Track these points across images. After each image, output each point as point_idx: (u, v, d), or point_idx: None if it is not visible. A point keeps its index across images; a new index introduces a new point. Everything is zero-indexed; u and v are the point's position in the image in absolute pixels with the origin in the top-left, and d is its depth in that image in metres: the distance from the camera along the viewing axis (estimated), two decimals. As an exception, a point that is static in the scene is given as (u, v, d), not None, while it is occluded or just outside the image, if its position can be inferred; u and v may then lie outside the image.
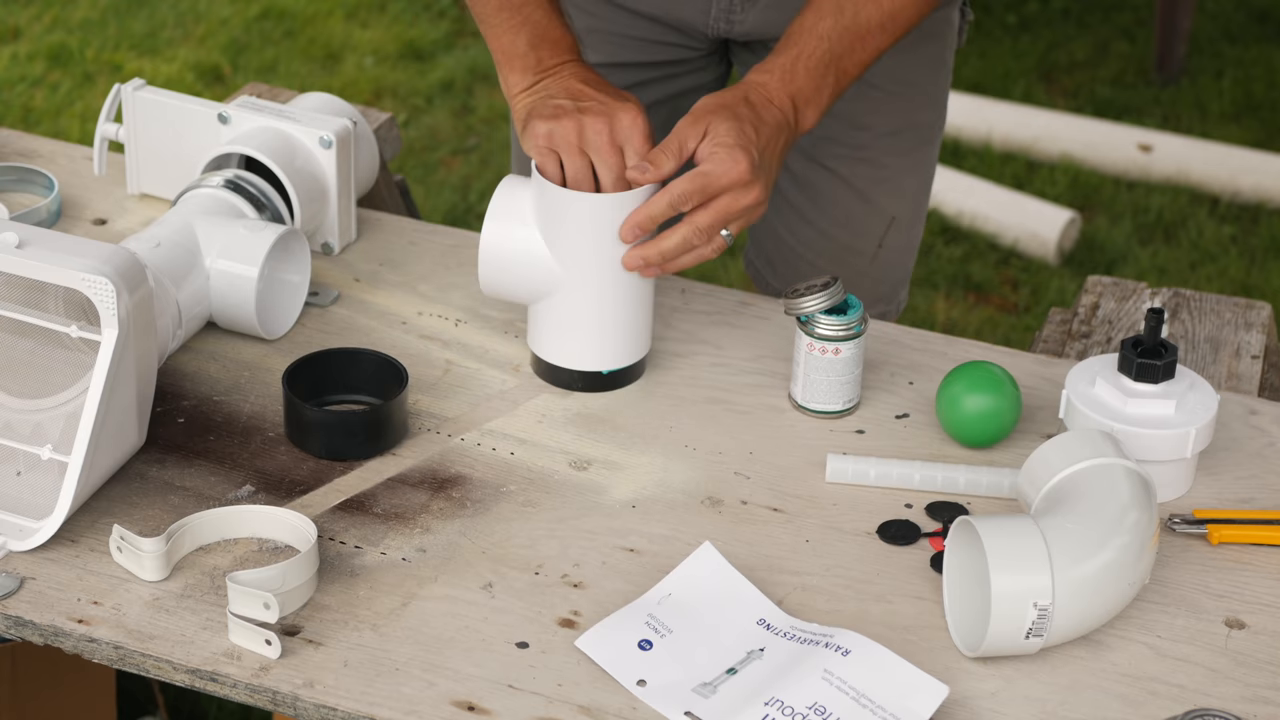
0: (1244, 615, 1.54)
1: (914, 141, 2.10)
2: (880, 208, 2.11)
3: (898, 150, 2.09)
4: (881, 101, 2.05)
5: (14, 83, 4.08)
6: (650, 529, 1.61)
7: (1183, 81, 4.27)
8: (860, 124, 2.06)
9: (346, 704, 1.43)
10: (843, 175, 2.09)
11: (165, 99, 1.95)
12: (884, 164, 2.09)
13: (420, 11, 4.49)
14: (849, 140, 2.07)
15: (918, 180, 2.13)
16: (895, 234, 2.13)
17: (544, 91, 1.76)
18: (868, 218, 2.11)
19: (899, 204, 2.12)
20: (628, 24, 2.01)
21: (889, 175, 2.10)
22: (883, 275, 2.15)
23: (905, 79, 2.05)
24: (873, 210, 2.11)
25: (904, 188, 2.11)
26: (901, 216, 2.12)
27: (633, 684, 1.45)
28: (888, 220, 2.11)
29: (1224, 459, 1.72)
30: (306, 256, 1.85)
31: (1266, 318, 2.09)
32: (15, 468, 1.61)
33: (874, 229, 2.11)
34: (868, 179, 2.09)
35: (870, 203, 2.10)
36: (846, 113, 2.03)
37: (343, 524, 1.60)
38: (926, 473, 1.67)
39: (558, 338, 1.76)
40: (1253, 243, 3.72)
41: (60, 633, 1.49)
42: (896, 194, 2.11)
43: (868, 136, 2.07)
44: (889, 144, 2.08)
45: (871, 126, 2.06)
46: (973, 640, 1.49)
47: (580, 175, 1.71)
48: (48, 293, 1.63)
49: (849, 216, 2.11)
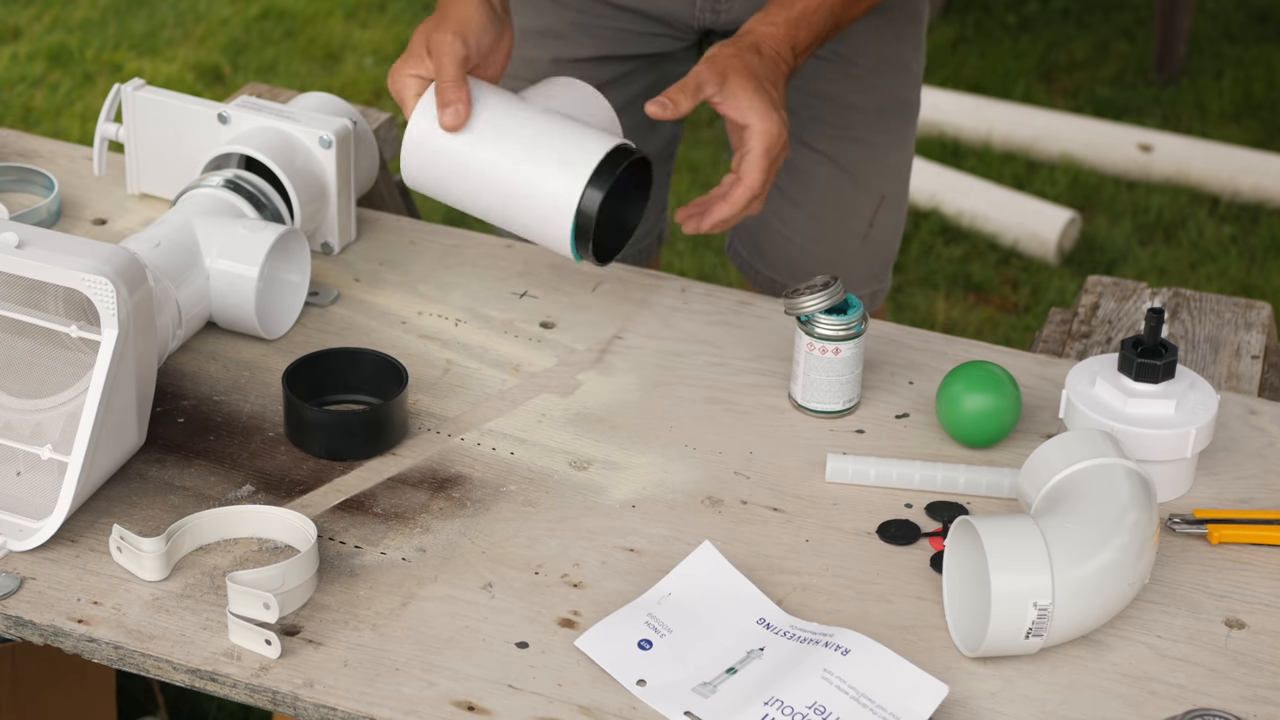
0: (1244, 615, 1.54)
1: (897, 118, 2.12)
2: (870, 186, 2.13)
3: (883, 127, 2.11)
4: (865, 79, 2.08)
5: (14, 83, 4.08)
6: (650, 529, 1.61)
7: (1183, 81, 4.27)
8: (846, 103, 2.08)
9: (346, 704, 1.43)
10: (831, 156, 2.11)
11: (165, 99, 1.95)
12: (871, 141, 2.11)
13: (420, 11, 4.49)
14: (836, 120, 2.09)
15: (902, 156, 2.15)
16: (885, 212, 2.15)
17: None
18: (858, 197, 2.13)
19: (887, 182, 2.14)
20: (611, 17, 2.03)
21: (876, 153, 2.12)
22: (874, 255, 2.17)
23: (886, 55, 2.08)
24: (863, 189, 2.13)
25: (891, 165, 2.14)
26: (891, 194, 2.15)
27: (632, 684, 1.45)
28: (878, 199, 2.13)
29: (1224, 459, 1.72)
30: (306, 256, 1.85)
31: (1266, 318, 2.09)
32: (15, 468, 1.61)
33: (865, 208, 2.14)
34: (856, 157, 2.11)
35: (860, 182, 2.12)
36: (832, 93, 2.06)
37: (343, 524, 1.61)
38: (926, 472, 1.67)
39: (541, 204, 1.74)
40: (1253, 243, 3.72)
41: (60, 633, 1.49)
42: (884, 171, 2.14)
43: (854, 115, 2.09)
44: (875, 121, 2.10)
45: (857, 105, 2.09)
46: (972, 640, 1.49)
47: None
48: (48, 293, 1.63)
49: (839, 197, 2.13)
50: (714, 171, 3.85)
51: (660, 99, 1.73)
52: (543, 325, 1.86)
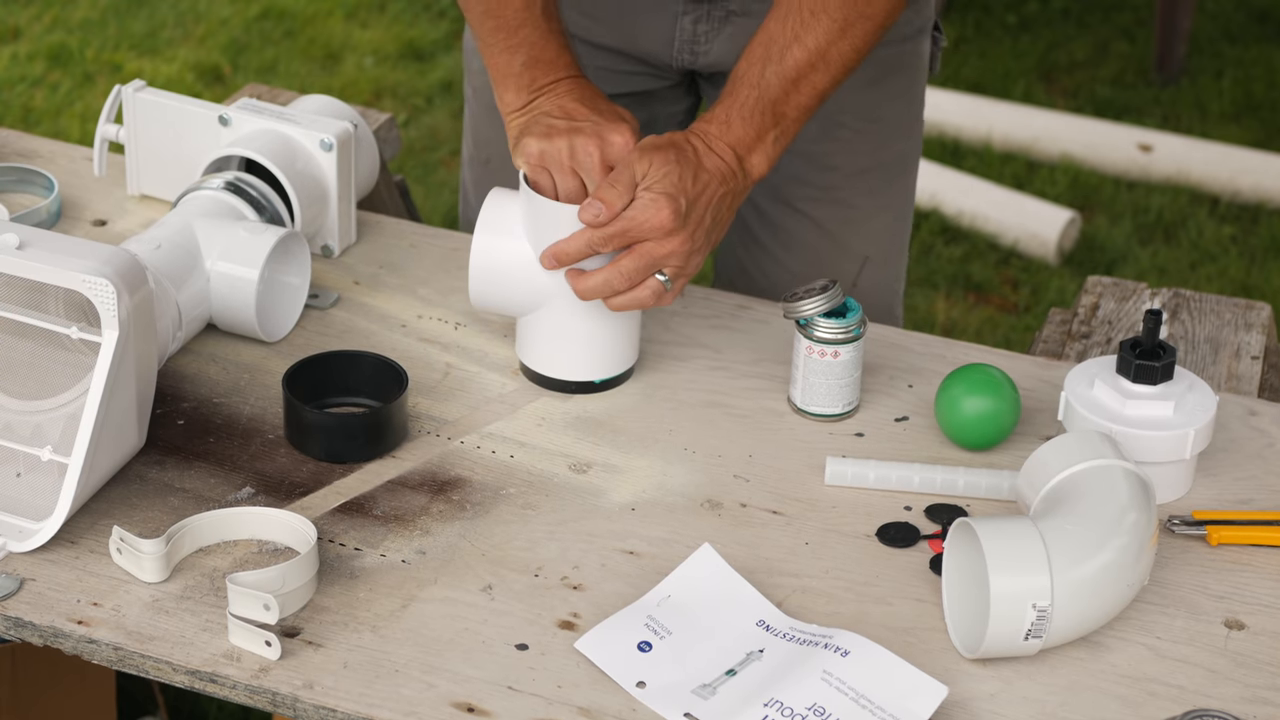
0: (1243, 616, 1.55)
1: (885, 179, 2.06)
2: (850, 248, 2.07)
3: (868, 189, 2.05)
4: (849, 140, 2.02)
5: (14, 83, 4.08)
6: (650, 531, 1.61)
7: (1183, 81, 4.27)
8: (828, 164, 2.03)
9: (346, 705, 1.43)
10: (812, 216, 2.05)
11: (165, 100, 1.95)
12: (854, 204, 2.05)
13: (420, 11, 4.49)
14: (817, 181, 2.04)
15: (892, 215, 2.09)
16: (871, 272, 2.08)
17: (537, 110, 1.76)
18: (839, 259, 2.07)
19: (870, 244, 2.07)
20: (591, 57, 1.98)
21: (859, 216, 2.06)
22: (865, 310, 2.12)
23: (873, 115, 2.02)
24: (843, 251, 2.07)
25: (875, 227, 2.07)
26: (875, 255, 2.08)
27: (632, 685, 1.45)
28: (860, 260, 2.07)
29: (1223, 460, 1.72)
30: (307, 259, 1.85)
31: (1266, 318, 2.09)
32: (15, 469, 1.61)
33: (847, 269, 2.07)
34: (837, 220, 2.05)
35: (840, 244, 2.06)
36: (814, 153, 2.01)
37: (342, 526, 1.61)
38: (926, 475, 1.67)
39: (548, 349, 1.77)
40: (1253, 243, 3.72)
41: (60, 634, 1.49)
42: (867, 234, 2.07)
43: (837, 177, 2.03)
44: (859, 184, 2.04)
45: (840, 167, 2.03)
46: (972, 642, 1.49)
47: (572, 193, 1.70)
48: (48, 294, 1.63)
49: (819, 257, 2.07)
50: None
51: (591, 200, 1.67)
52: (542, 327, 1.86)
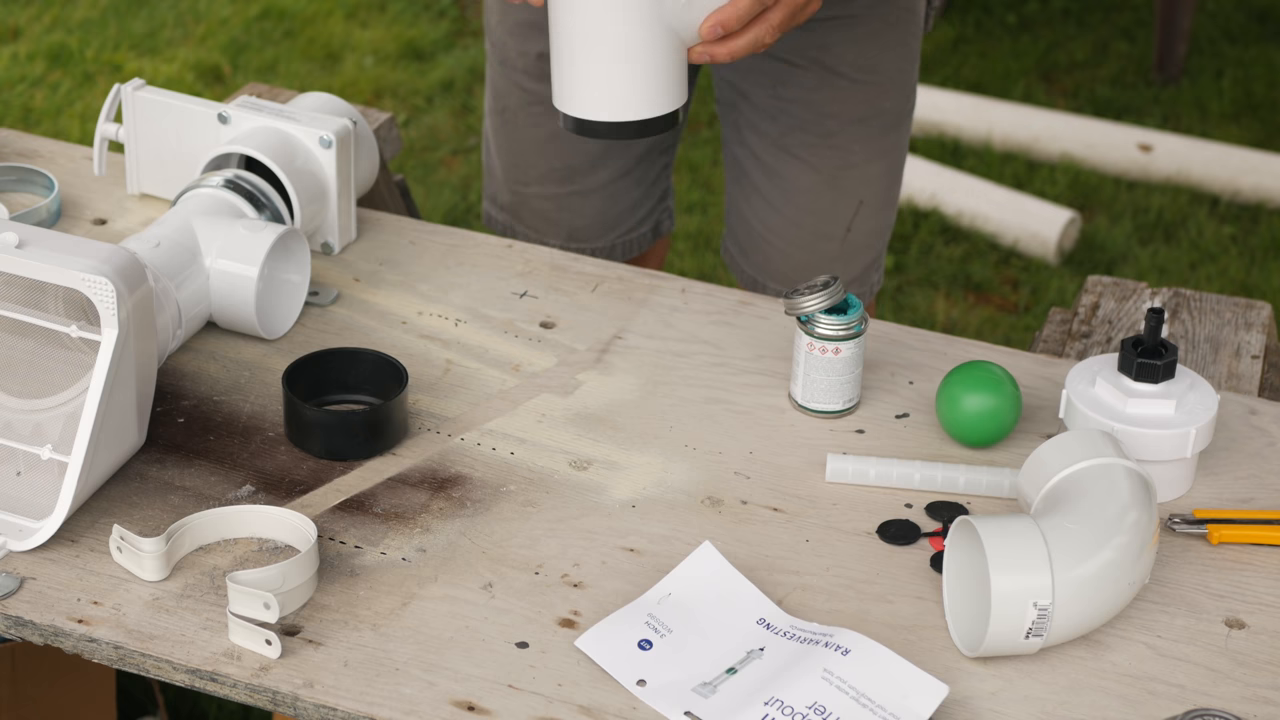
0: (1244, 615, 1.55)
1: (881, 128, 2.12)
2: (848, 192, 2.14)
3: (865, 137, 2.12)
4: (847, 90, 2.08)
5: (14, 83, 4.08)
6: (650, 529, 1.61)
7: (1183, 81, 4.27)
8: (826, 112, 2.09)
9: (346, 704, 1.43)
10: (810, 162, 2.12)
11: (165, 99, 1.95)
12: (851, 150, 2.12)
13: (420, 11, 4.49)
14: (815, 128, 2.10)
15: (886, 164, 2.16)
16: (863, 218, 2.15)
17: None
18: (835, 203, 2.14)
19: (866, 188, 2.14)
20: None
21: (856, 162, 2.12)
22: (852, 257, 2.17)
23: (870, 67, 2.08)
24: (840, 196, 2.14)
25: (870, 174, 2.14)
26: (869, 200, 2.15)
27: (632, 684, 1.45)
28: (855, 205, 2.14)
29: (1224, 459, 1.72)
30: (306, 256, 1.85)
31: (1266, 318, 2.09)
32: (15, 468, 1.61)
33: (841, 214, 2.14)
34: (835, 165, 2.12)
35: (837, 189, 2.13)
36: (812, 101, 2.07)
37: (343, 524, 1.61)
38: (926, 472, 1.67)
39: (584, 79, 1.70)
40: (1253, 243, 3.72)
41: (60, 633, 1.49)
42: (864, 179, 2.14)
43: (834, 124, 2.10)
44: (856, 132, 2.11)
45: (838, 115, 2.10)
46: (972, 640, 1.49)
47: None
48: (48, 293, 1.63)
49: (816, 203, 2.14)
50: (714, 171, 3.85)
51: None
52: (543, 325, 1.86)
